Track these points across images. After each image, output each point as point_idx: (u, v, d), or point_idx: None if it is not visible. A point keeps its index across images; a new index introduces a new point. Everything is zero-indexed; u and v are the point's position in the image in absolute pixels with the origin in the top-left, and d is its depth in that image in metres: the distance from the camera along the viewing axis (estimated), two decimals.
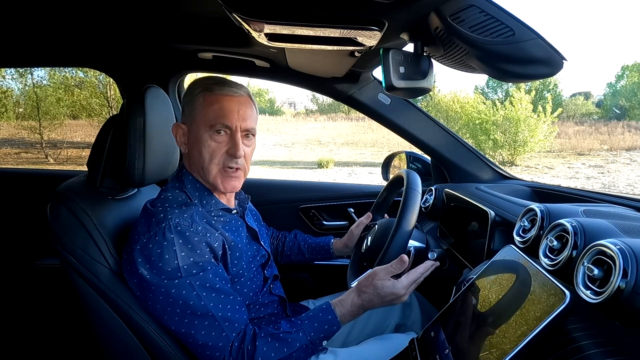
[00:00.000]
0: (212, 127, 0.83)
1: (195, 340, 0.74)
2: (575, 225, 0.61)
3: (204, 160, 0.84)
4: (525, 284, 0.57)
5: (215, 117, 0.83)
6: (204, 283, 0.76)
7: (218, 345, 0.74)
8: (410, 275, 0.84)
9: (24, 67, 7.68)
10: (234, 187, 0.88)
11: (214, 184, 0.86)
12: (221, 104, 0.83)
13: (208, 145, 0.83)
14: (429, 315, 1.13)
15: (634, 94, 20.75)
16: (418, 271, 0.86)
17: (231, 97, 0.85)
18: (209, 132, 0.83)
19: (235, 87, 0.87)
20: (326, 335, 0.81)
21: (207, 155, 0.84)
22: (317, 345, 0.81)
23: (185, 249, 0.76)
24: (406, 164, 1.61)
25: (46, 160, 10.66)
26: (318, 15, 0.68)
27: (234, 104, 0.84)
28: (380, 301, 0.83)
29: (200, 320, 0.74)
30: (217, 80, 0.87)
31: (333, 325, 0.81)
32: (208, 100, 0.84)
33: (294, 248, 1.22)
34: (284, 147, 14.59)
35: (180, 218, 0.78)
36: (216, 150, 0.84)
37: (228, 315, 0.76)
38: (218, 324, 0.75)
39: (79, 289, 0.81)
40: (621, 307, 0.47)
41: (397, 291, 0.82)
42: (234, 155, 0.84)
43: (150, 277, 0.74)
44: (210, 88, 0.85)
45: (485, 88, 22.78)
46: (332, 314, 0.82)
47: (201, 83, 0.87)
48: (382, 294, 0.82)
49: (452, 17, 0.61)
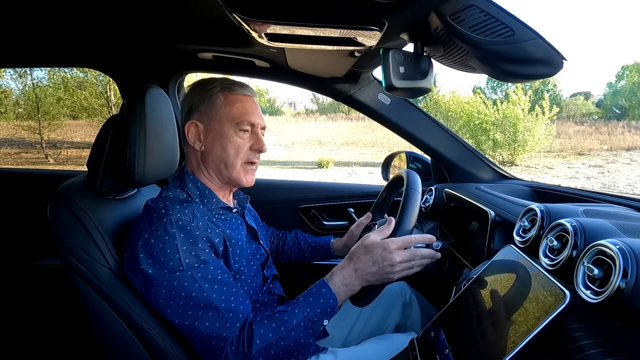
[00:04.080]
0: (237, 124, 0.88)
1: (199, 331, 0.74)
2: (575, 225, 0.61)
3: (229, 156, 0.88)
4: (525, 284, 0.57)
5: (240, 114, 0.88)
6: (206, 275, 0.76)
7: (222, 335, 0.74)
8: (403, 240, 0.81)
9: (24, 67, 7.68)
10: (253, 181, 0.93)
11: (236, 178, 0.90)
12: (243, 102, 0.90)
13: (234, 141, 0.88)
14: (429, 315, 1.13)
15: (634, 94, 20.76)
16: (413, 238, 0.82)
17: (249, 97, 0.92)
18: (234, 129, 0.88)
19: (250, 89, 0.94)
20: (324, 311, 0.79)
21: (233, 150, 0.88)
22: (317, 323, 0.78)
23: (187, 243, 0.76)
24: (406, 164, 1.61)
25: (46, 160, 10.66)
26: (318, 15, 0.68)
27: (252, 103, 0.92)
28: (373, 264, 0.80)
29: (204, 311, 0.74)
30: (235, 81, 0.93)
31: (329, 299, 0.79)
32: (230, 99, 0.89)
33: (294, 247, 1.22)
34: (284, 147, 14.60)
35: (182, 213, 0.79)
36: (242, 146, 0.89)
37: (232, 307, 0.76)
38: (222, 315, 0.75)
39: (79, 289, 0.81)
40: (621, 307, 0.47)
41: (389, 251, 0.79)
42: (259, 150, 0.91)
43: (152, 272, 0.75)
44: (230, 88, 0.90)
45: (485, 88, 22.79)
46: (326, 287, 0.80)
47: (218, 82, 0.91)
48: (374, 255, 0.80)
49: (452, 17, 0.61)
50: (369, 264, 0.80)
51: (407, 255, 0.81)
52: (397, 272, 0.81)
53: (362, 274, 0.81)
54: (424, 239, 0.85)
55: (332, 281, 0.81)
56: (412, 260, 0.82)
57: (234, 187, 0.96)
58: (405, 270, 0.82)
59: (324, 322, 0.79)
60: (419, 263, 0.84)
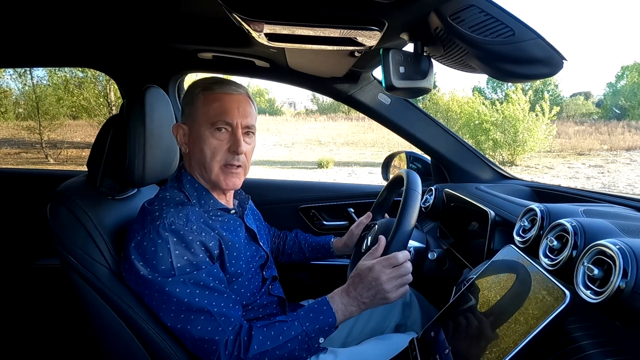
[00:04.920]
0: (213, 124, 0.84)
1: (191, 335, 0.74)
2: (575, 225, 0.61)
3: (206, 158, 0.85)
4: (525, 284, 0.57)
5: (216, 114, 0.84)
6: (198, 282, 0.76)
7: (214, 339, 0.74)
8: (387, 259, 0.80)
9: (24, 67, 7.68)
10: (235, 185, 0.88)
11: (215, 181, 0.86)
12: (222, 101, 0.85)
13: (209, 142, 0.84)
14: (429, 315, 1.13)
15: (634, 94, 20.75)
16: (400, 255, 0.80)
17: (231, 94, 0.86)
18: (210, 130, 0.84)
19: (235, 85, 0.88)
20: (322, 328, 0.78)
21: (209, 152, 0.84)
22: (314, 339, 0.78)
23: (180, 248, 0.76)
24: (406, 164, 1.61)
25: (46, 160, 10.65)
26: (318, 16, 0.68)
27: (234, 102, 0.86)
28: (368, 290, 0.79)
29: (196, 315, 0.74)
30: (217, 80, 0.88)
31: (329, 317, 0.79)
32: (208, 98, 0.85)
33: (294, 247, 1.22)
34: (284, 147, 14.59)
35: (175, 217, 0.78)
36: (218, 148, 0.85)
37: (223, 311, 0.76)
38: (214, 319, 0.75)
39: (79, 289, 0.81)
40: (621, 307, 0.47)
41: (376, 273, 0.79)
42: (235, 152, 0.85)
43: (144, 274, 0.75)
44: (210, 87, 0.86)
45: (485, 88, 22.79)
46: (327, 304, 0.81)
47: (201, 83, 0.88)
48: (366, 280, 0.80)
49: (452, 17, 0.61)
50: (364, 290, 0.80)
51: (394, 273, 0.80)
52: (389, 292, 0.80)
53: (360, 298, 0.81)
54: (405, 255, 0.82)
55: (333, 301, 0.81)
56: (403, 276, 0.81)
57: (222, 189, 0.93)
58: (398, 288, 0.81)
59: (319, 340, 0.79)
60: (410, 278, 0.82)
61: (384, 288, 0.79)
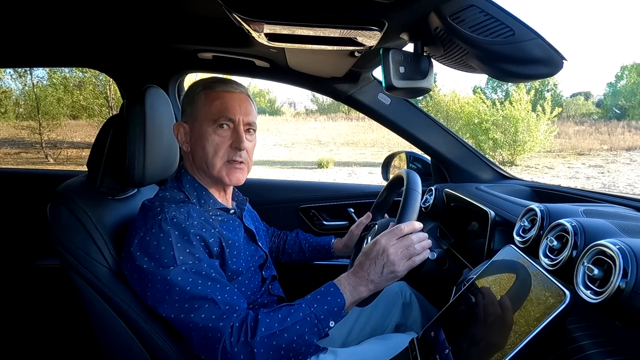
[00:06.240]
0: (215, 121, 0.86)
1: (195, 324, 0.73)
2: (575, 225, 0.61)
3: (208, 155, 0.86)
4: (525, 284, 0.57)
5: (218, 112, 0.86)
6: (200, 271, 0.76)
7: (218, 325, 0.73)
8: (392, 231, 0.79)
9: (24, 67, 7.68)
10: (239, 180, 0.89)
11: (218, 177, 0.87)
12: (223, 99, 0.86)
13: (212, 139, 0.86)
14: (429, 315, 1.13)
15: (633, 94, 20.76)
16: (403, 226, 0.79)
17: (232, 92, 0.88)
18: (212, 127, 0.86)
19: (235, 84, 0.90)
20: (330, 309, 0.76)
21: (211, 149, 0.86)
22: (323, 322, 0.76)
23: (181, 241, 0.77)
24: (406, 164, 1.61)
25: (46, 160, 10.65)
26: (318, 15, 0.68)
27: (235, 99, 0.88)
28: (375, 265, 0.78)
29: (200, 303, 0.74)
30: (218, 79, 0.90)
31: (337, 298, 0.77)
32: (210, 96, 0.87)
33: (295, 247, 1.23)
34: (284, 147, 14.60)
35: (177, 212, 0.79)
36: (220, 144, 0.86)
37: (227, 300, 0.76)
38: (218, 307, 0.74)
39: (79, 289, 0.81)
40: (621, 307, 0.47)
41: (382, 245, 0.78)
42: (238, 148, 0.86)
43: (147, 267, 0.75)
44: (211, 86, 0.88)
45: (485, 88, 22.79)
46: (333, 286, 0.79)
47: (201, 82, 0.90)
48: (372, 255, 0.78)
49: (452, 17, 0.61)
50: (371, 266, 0.78)
51: (400, 243, 0.79)
52: (398, 264, 0.77)
53: (368, 277, 0.78)
54: (413, 226, 0.81)
55: (340, 283, 0.80)
56: (409, 247, 0.79)
57: (224, 185, 0.94)
58: (407, 260, 0.78)
59: (330, 323, 0.77)
60: (419, 248, 0.80)
61: (391, 260, 0.77)
